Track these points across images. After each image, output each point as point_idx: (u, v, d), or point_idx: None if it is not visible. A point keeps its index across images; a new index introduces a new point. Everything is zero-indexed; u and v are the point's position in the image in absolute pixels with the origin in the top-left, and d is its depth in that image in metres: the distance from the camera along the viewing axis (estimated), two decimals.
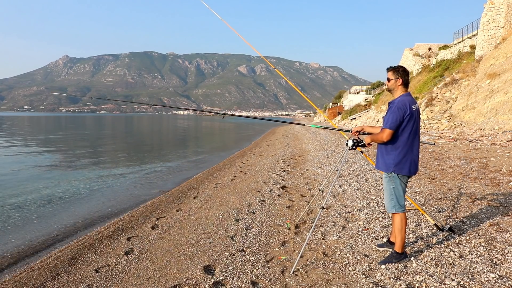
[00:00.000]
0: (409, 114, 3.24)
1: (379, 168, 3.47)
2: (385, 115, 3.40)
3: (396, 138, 3.29)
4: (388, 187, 3.39)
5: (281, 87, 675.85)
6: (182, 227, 5.48)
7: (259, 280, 3.37)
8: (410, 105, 3.26)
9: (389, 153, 3.34)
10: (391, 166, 3.32)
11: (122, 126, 60.89)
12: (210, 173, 11.25)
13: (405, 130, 3.26)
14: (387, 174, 3.39)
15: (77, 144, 24.88)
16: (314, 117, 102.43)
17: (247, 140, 28.50)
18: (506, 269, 3.14)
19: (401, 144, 3.29)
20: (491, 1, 21.98)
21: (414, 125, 3.28)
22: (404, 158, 3.29)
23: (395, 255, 3.45)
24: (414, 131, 3.30)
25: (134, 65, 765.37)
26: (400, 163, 3.30)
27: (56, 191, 9.20)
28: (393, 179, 3.35)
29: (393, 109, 3.27)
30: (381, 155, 3.44)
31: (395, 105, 3.29)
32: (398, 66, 3.42)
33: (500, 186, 6.02)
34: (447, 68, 27.18)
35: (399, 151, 3.29)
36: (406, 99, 3.31)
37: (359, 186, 7.04)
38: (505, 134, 12.27)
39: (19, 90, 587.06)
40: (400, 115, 3.22)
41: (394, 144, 3.30)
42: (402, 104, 3.26)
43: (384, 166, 3.39)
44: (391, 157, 3.33)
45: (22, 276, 4.26)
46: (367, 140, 3.51)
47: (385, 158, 3.37)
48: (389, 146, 3.34)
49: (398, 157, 3.29)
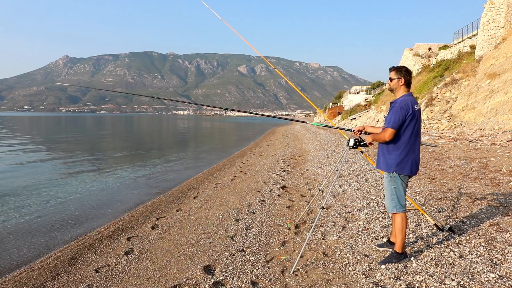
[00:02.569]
0: (412, 114, 3.24)
1: (380, 167, 3.47)
2: (387, 114, 3.39)
3: (398, 137, 3.29)
4: (389, 187, 3.39)
5: (281, 87, 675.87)
6: (182, 227, 5.48)
7: (259, 280, 3.37)
8: (412, 105, 3.27)
9: (391, 153, 3.34)
10: (392, 166, 3.32)
11: (122, 126, 60.88)
12: (210, 173, 11.25)
13: (407, 129, 3.27)
14: (388, 174, 3.38)
15: (77, 144, 24.87)
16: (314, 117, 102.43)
17: (247, 140, 28.50)
18: (506, 269, 3.14)
19: (403, 144, 3.28)
20: (491, 1, 21.97)
21: (416, 125, 3.29)
22: (406, 157, 3.29)
23: (395, 255, 3.45)
24: (416, 131, 3.31)
25: (134, 65, 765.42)
26: (402, 163, 3.30)
27: (56, 191, 9.20)
28: (394, 179, 3.35)
29: (396, 108, 3.27)
30: (382, 155, 3.44)
31: (397, 104, 3.29)
32: (400, 66, 3.42)
33: (500, 186, 6.02)
34: (447, 68, 27.17)
35: (401, 151, 3.29)
36: (408, 99, 3.31)
37: (359, 186, 7.04)
38: (505, 134, 12.27)
39: (19, 90, 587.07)
40: (403, 114, 3.22)
41: (396, 143, 3.30)
42: (404, 103, 3.26)
43: (386, 165, 3.39)
44: (392, 156, 3.32)
45: (22, 276, 4.26)
46: (368, 139, 3.51)
47: (387, 157, 3.37)
48: (390, 146, 3.34)
49: (400, 157, 3.29)
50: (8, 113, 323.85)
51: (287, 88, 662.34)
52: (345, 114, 52.35)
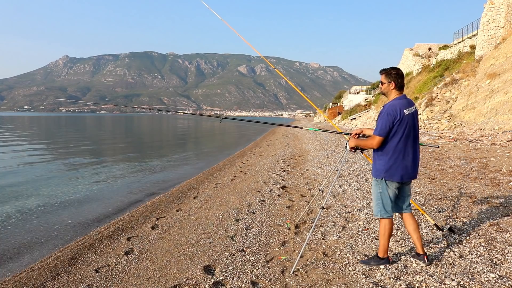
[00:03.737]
0: (399, 119, 3.11)
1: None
2: (377, 119, 3.30)
3: (386, 144, 3.19)
4: (375, 191, 3.32)
5: (281, 87, 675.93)
6: (182, 227, 5.48)
7: (259, 280, 3.37)
8: (401, 109, 3.14)
9: (378, 159, 3.27)
10: (381, 172, 3.23)
11: (122, 126, 60.88)
12: (210, 173, 11.25)
13: (395, 135, 3.15)
14: (375, 178, 3.32)
15: (77, 144, 24.87)
16: (314, 117, 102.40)
17: (247, 140, 28.50)
18: (506, 269, 3.14)
19: (391, 150, 3.17)
20: (491, 1, 21.98)
21: (406, 130, 3.15)
22: (395, 164, 3.18)
23: (375, 258, 3.44)
24: (406, 136, 3.16)
25: (134, 65, 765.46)
26: (391, 169, 3.19)
27: (56, 191, 9.20)
28: (380, 183, 3.27)
29: (383, 114, 3.17)
30: (373, 160, 3.38)
31: (384, 110, 3.18)
32: (390, 69, 3.27)
33: (500, 186, 6.03)
34: (447, 68, 27.18)
35: (389, 157, 3.18)
36: (397, 103, 3.18)
37: (359, 186, 7.04)
38: (505, 134, 12.27)
39: (19, 90, 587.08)
40: (390, 121, 3.11)
41: (383, 150, 3.21)
42: (391, 109, 3.15)
43: (373, 170, 3.33)
44: (381, 162, 3.23)
45: (22, 276, 4.26)
46: (351, 143, 3.39)
47: (376, 163, 3.30)
48: (379, 152, 3.25)
49: (389, 163, 3.18)
50: (8, 113, 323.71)
51: (287, 88, 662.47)
52: (345, 114, 52.37)
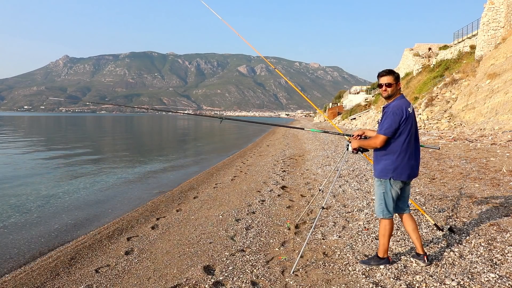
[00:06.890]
0: (405, 118, 3.11)
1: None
2: (379, 120, 3.27)
3: (391, 143, 3.17)
4: (378, 192, 3.29)
5: (281, 87, 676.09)
6: (182, 227, 5.48)
7: (259, 280, 3.37)
8: (406, 108, 3.15)
9: (384, 159, 3.22)
10: (387, 172, 3.19)
11: (122, 127, 60.87)
12: (210, 173, 11.25)
13: (402, 134, 3.14)
14: (378, 179, 3.28)
15: (77, 144, 24.87)
16: (314, 117, 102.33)
17: (247, 140, 28.49)
18: (506, 269, 3.14)
19: (398, 149, 3.16)
20: (491, 1, 21.97)
21: (410, 129, 3.16)
22: (402, 163, 3.16)
23: (375, 258, 3.43)
24: (411, 135, 3.18)
25: (134, 65, 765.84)
26: (398, 169, 3.17)
27: (56, 191, 9.20)
28: (384, 184, 3.24)
29: (388, 114, 3.14)
30: (375, 160, 3.32)
31: (390, 110, 3.16)
32: (392, 70, 3.27)
33: (500, 186, 6.02)
34: (447, 68, 27.17)
35: (396, 156, 3.16)
36: (401, 102, 3.19)
37: (359, 186, 7.04)
38: (505, 134, 12.27)
39: (19, 90, 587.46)
40: (397, 120, 3.10)
41: (389, 149, 3.18)
42: (397, 108, 3.13)
43: (376, 171, 3.28)
44: (387, 162, 3.20)
45: (22, 276, 4.26)
46: (354, 144, 3.37)
47: (380, 163, 3.25)
48: (383, 152, 3.22)
49: (396, 163, 3.16)
50: (8, 113, 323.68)
51: (287, 88, 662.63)
52: (345, 114, 52.35)
